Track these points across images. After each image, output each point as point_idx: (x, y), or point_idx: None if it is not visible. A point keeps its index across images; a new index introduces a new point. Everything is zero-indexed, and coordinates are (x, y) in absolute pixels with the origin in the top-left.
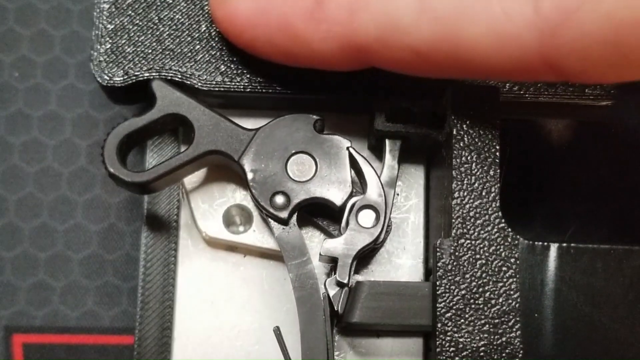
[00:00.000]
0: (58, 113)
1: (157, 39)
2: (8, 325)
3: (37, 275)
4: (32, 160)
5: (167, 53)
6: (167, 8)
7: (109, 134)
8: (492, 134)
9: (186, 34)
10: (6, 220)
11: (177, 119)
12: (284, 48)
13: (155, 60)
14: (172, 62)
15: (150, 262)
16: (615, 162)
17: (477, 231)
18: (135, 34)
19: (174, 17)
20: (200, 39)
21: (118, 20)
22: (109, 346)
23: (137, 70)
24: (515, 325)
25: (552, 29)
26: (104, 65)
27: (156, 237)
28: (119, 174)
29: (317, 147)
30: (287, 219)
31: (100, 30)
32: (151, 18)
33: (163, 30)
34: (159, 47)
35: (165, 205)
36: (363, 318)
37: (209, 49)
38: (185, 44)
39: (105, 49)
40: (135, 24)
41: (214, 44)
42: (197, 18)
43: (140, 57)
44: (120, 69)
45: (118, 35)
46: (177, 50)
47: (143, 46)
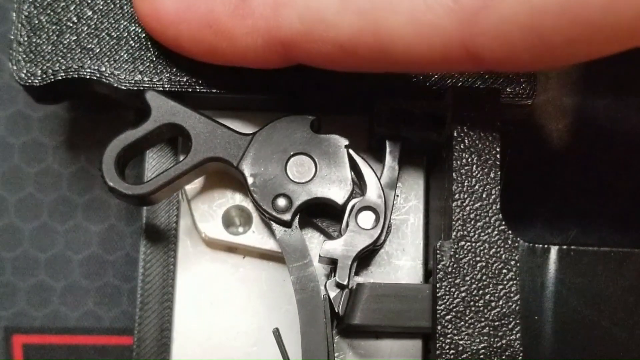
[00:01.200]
0: (58, 113)
1: (77, 38)
2: (8, 325)
3: (37, 276)
4: (32, 160)
5: (86, 52)
6: (87, 7)
7: (106, 148)
8: (493, 136)
9: (105, 33)
10: (6, 221)
11: (173, 129)
12: (208, 45)
13: (75, 60)
14: (91, 62)
15: (149, 263)
16: (616, 163)
17: (477, 233)
18: (54, 33)
19: (92, 16)
20: (119, 38)
21: (37, 19)
22: (109, 347)
23: (56, 70)
24: (515, 327)
25: (471, 17)
26: (22, 65)
27: (156, 238)
28: (119, 188)
29: (315, 147)
30: (290, 221)
31: (19, 30)
32: (70, 17)
33: (82, 30)
34: (78, 46)
35: (164, 206)
36: (364, 320)
37: (127, 48)
38: (105, 43)
39: (24, 48)
40: (55, 22)
41: (133, 43)
42: (117, 17)
43: (59, 56)
44: (38, 68)
45: (36, 35)
46: (96, 50)
47: (62, 45)
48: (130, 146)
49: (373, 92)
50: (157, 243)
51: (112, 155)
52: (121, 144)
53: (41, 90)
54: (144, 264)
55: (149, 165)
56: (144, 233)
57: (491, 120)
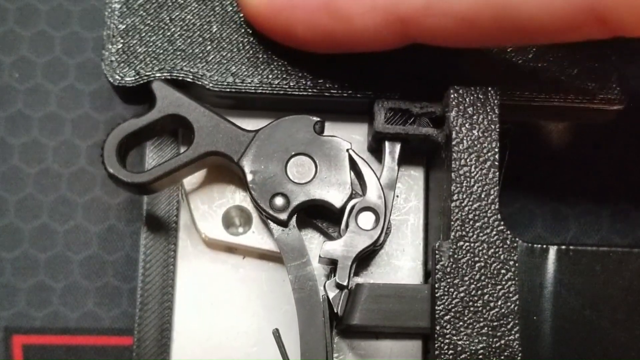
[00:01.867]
0: (58, 114)
1: (169, 39)
2: (8, 326)
3: (37, 276)
4: (32, 161)
5: (178, 53)
6: (179, 8)
7: (108, 134)
8: (492, 137)
9: (197, 34)
10: (6, 221)
11: (177, 120)
12: (324, 29)
13: (167, 61)
14: (183, 63)
15: (149, 264)
16: (616, 163)
17: (476, 234)
18: (147, 34)
19: (185, 18)
20: (211, 40)
21: (129, 20)
22: (108, 347)
23: (148, 71)
24: (514, 328)
25: None
26: (115, 65)
27: (155, 238)
28: (118, 175)
29: (317, 148)
30: (286, 221)
31: (112, 30)
32: (162, 18)
33: (174, 31)
34: (170, 47)
35: (164, 206)
36: (363, 320)
37: (220, 50)
38: (197, 45)
39: (117, 48)
40: (147, 24)
41: (225, 45)
42: (209, 18)
43: (151, 57)
44: (131, 69)
45: (129, 35)
46: (189, 51)
47: (154, 46)
48: (133, 134)
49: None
50: (157, 243)
51: (114, 142)
52: (124, 131)
53: (132, 91)
54: (144, 264)
55: (149, 155)
56: (143, 233)
57: (490, 120)
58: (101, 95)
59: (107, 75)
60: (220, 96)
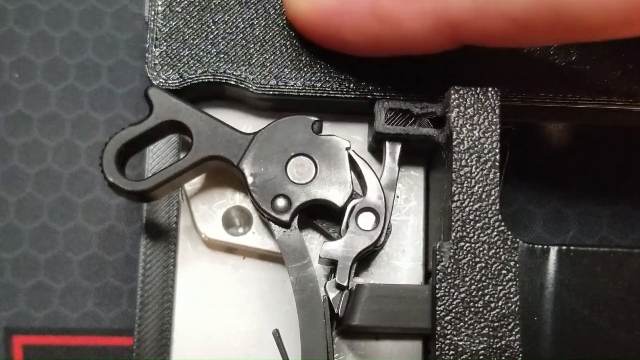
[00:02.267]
0: (58, 114)
1: (212, 42)
2: (8, 326)
3: (37, 277)
4: (32, 161)
5: (221, 56)
6: (222, 11)
7: (106, 143)
8: (492, 137)
9: (240, 37)
10: (6, 222)
11: (175, 126)
12: (373, 34)
13: (210, 64)
14: (226, 66)
15: (149, 264)
16: (616, 163)
17: (476, 234)
18: (190, 36)
19: (228, 20)
20: (254, 42)
21: (173, 22)
22: (109, 347)
23: (191, 73)
24: (515, 328)
25: None
26: (159, 68)
27: (156, 238)
28: (119, 183)
29: (316, 148)
30: (289, 222)
31: (155, 33)
32: (205, 21)
33: (217, 34)
34: (214, 50)
35: (164, 206)
36: (363, 321)
37: (263, 52)
38: (240, 47)
39: (160, 51)
40: (190, 26)
41: (269, 47)
42: (252, 21)
43: (194, 60)
44: (175, 72)
45: (173, 38)
46: (232, 54)
47: (197, 49)
48: (131, 142)
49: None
50: (157, 244)
51: (113, 151)
52: (122, 139)
53: (175, 94)
54: (144, 264)
55: (149, 162)
56: (144, 234)
57: (491, 121)
58: (101, 95)
59: (150, 78)
60: (262, 99)
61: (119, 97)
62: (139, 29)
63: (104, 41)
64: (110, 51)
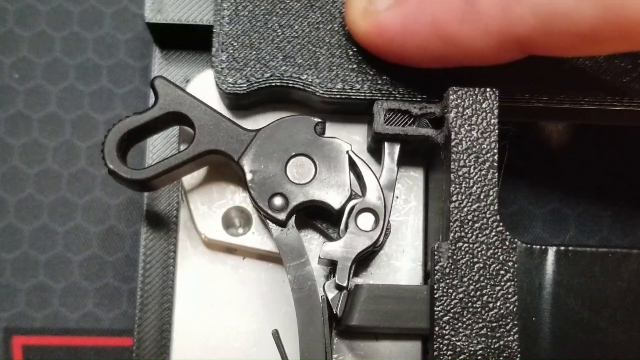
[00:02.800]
0: (58, 114)
1: (278, 46)
2: (8, 327)
3: (37, 277)
4: (32, 161)
5: (288, 60)
6: (287, 15)
7: (109, 130)
8: (491, 138)
9: (306, 40)
10: (6, 222)
11: (178, 118)
12: (437, 53)
13: (277, 67)
14: (292, 70)
15: (149, 264)
16: (616, 164)
17: (475, 235)
18: (256, 40)
19: (293, 25)
20: (320, 47)
21: (239, 27)
22: (108, 348)
23: (258, 77)
24: (513, 328)
25: None
26: (226, 72)
27: (155, 239)
28: (119, 171)
29: (317, 150)
30: (285, 221)
31: (221, 37)
32: (271, 25)
33: (283, 38)
34: (280, 54)
35: (164, 207)
36: (361, 321)
37: (329, 56)
38: (306, 51)
39: (227, 55)
40: (256, 31)
41: (335, 51)
42: (317, 25)
43: (261, 64)
44: (242, 76)
45: (239, 42)
46: (298, 58)
47: (264, 53)
48: (133, 131)
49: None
50: (156, 244)
51: (115, 138)
52: (125, 127)
53: (242, 98)
54: (144, 264)
55: (149, 155)
56: (143, 234)
57: (489, 121)
58: (101, 95)
59: (217, 82)
60: (326, 102)
61: (119, 98)
62: (139, 29)
63: (104, 41)
64: (110, 51)
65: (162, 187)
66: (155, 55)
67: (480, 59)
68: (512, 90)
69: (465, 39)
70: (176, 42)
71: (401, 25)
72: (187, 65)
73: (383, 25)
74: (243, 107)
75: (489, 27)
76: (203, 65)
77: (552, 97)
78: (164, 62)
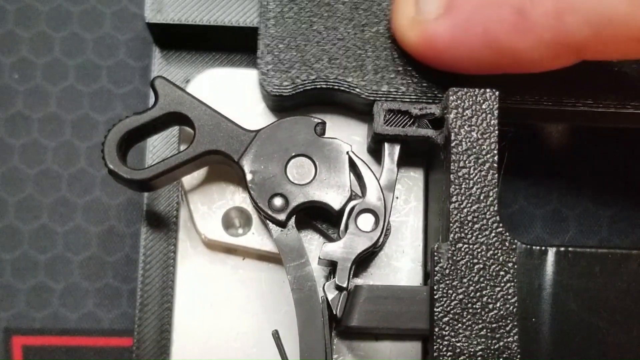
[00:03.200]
0: (58, 115)
1: (323, 48)
2: (8, 327)
3: (36, 277)
4: (32, 162)
5: (333, 62)
6: (332, 17)
7: (109, 130)
8: (491, 138)
9: (351, 42)
10: (6, 222)
11: (178, 118)
12: (489, 63)
13: (322, 69)
14: (338, 72)
15: (149, 264)
16: (616, 164)
17: (474, 235)
18: (302, 42)
19: (338, 27)
20: (365, 49)
21: (284, 29)
22: (108, 348)
23: (304, 79)
24: (513, 329)
25: None
26: (272, 75)
27: (155, 239)
28: (119, 171)
29: (317, 150)
30: (284, 222)
31: (267, 39)
32: (317, 27)
33: (328, 40)
34: (325, 56)
35: (164, 207)
36: (361, 322)
37: (375, 59)
38: (351, 53)
39: (272, 57)
40: (301, 33)
41: (380, 54)
42: (362, 27)
43: (307, 66)
44: (287, 77)
45: (285, 44)
46: (343, 60)
47: (309, 55)
48: (134, 131)
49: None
50: (156, 244)
51: (115, 138)
52: (125, 127)
53: (286, 100)
54: (144, 265)
55: (149, 156)
56: (143, 234)
57: (489, 122)
58: (101, 96)
59: (262, 85)
60: (371, 104)
61: (119, 98)
62: (138, 29)
63: (103, 42)
64: (110, 52)
65: (162, 187)
66: (155, 56)
67: (534, 67)
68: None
69: (519, 49)
70: (176, 42)
71: (451, 37)
72: (187, 65)
73: (433, 37)
74: (286, 109)
75: (543, 37)
76: (203, 66)
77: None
78: (164, 62)
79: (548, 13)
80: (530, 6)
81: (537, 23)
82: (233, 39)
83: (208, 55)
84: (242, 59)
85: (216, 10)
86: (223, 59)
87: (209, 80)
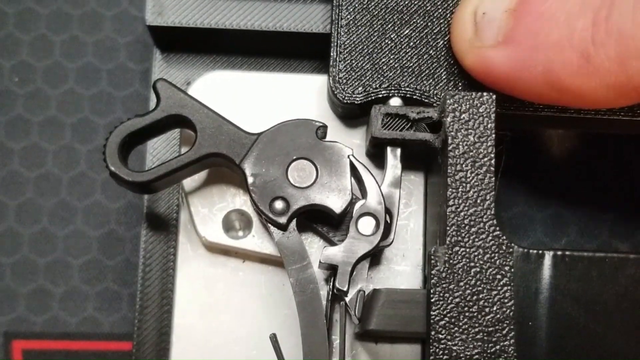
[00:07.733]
0: (58, 118)
1: (395, 55)
2: (8, 331)
3: (36, 281)
4: (32, 165)
5: (405, 70)
6: (404, 25)
7: (111, 132)
8: (488, 142)
9: (423, 51)
10: (6, 226)
11: (180, 120)
12: (549, 97)
13: (394, 77)
14: (410, 80)
15: (149, 267)
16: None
17: (471, 239)
18: (374, 50)
19: (411, 35)
20: (438, 57)
21: (356, 37)
22: (108, 352)
23: (375, 87)
24: (509, 333)
25: None
26: (344, 82)
27: (155, 242)
28: (120, 173)
29: (318, 154)
30: (286, 225)
31: (339, 47)
32: (389, 35)
33: (401, 47)
34: (397, 64)
35: (164, 210)
36: (380, 325)
37: (447, 67)
38: (423, 62)
39: (345, 65)
40: (373, 40)
41: (453, 61)
42: (434, 36)
43: (379, 74)
44: (359, 85)
45: (357, 52)
46: (415, 68)
47: (381, 63)
48: (135, 133)
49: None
50: (156, 247)
51: (117, 141)
52: (126, 130)
53: (357, 108)
54: (144, 268)
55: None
56: (143, 237)
57: (486, 126)
58: (101, 99)
59: (334, 92)
60: None
61: (119, 101)
62: (138, 32)
63: (103, 45)
64: (110, 55)
65: (163, 189)
66: (156, 58)
67: (598, 106)
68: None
69: (580, 91)
70: (177, 45)
71: (510, 68)
72: (188, 68)
73: (490, 64)
74: (355, 115)
75: (607, 81)
76: (204, 68)
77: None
78: (164, 64)
79: (611, 58)
80: (593, 51)
81: (601, 67)
82: (234, 41)
83: (209, 58)
84: (243, 62)
85: (217, 13)
86: (224, 62)
87: (211, 83)
